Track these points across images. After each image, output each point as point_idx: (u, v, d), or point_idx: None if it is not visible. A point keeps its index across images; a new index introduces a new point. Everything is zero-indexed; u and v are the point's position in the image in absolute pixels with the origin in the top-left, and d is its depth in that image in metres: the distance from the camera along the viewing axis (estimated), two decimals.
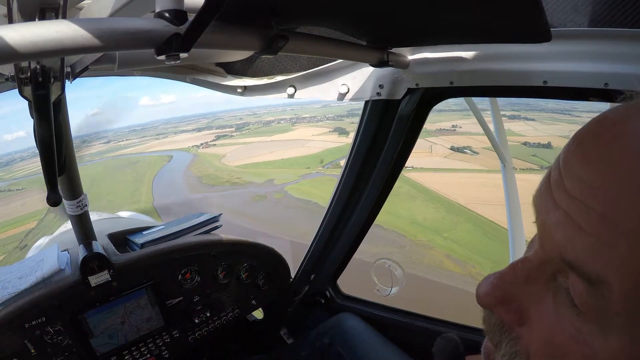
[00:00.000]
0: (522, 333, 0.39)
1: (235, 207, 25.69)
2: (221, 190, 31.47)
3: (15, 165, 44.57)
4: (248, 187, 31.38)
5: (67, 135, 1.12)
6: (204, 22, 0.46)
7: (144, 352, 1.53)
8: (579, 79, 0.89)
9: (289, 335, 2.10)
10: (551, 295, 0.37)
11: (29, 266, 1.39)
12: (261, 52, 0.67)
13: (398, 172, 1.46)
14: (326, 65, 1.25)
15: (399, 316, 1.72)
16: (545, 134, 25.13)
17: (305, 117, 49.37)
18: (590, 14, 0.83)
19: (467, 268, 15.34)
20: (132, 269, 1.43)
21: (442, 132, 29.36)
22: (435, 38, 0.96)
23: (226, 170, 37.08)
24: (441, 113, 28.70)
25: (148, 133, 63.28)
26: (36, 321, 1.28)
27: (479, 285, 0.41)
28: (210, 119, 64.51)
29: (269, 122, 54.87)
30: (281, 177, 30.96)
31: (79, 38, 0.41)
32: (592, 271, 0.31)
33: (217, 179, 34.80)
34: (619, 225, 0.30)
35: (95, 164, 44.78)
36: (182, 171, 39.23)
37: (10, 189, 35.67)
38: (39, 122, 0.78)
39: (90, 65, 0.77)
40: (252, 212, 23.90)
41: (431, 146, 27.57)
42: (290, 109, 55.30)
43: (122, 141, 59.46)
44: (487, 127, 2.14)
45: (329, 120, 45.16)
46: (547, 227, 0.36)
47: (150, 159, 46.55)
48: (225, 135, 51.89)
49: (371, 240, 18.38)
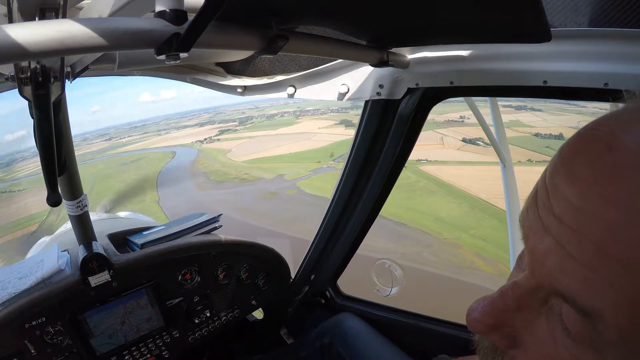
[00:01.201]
0: (517, 355, 0.38)
1: (247, 205, 24.29)
2: (230, 187, 30.32)
3: (16, 165, 44.18)
4: (258, 184, 30.17)
5: (67, 135, 1.12)
6: (204, 22, 0.46)
7: (144, 352, 1.53)
8: (579, 79, 0.89)
9: (289, 335, 2.10)
10: (544, 318, 0.36)
11: (29, 266, 1.39)
12: (261, 52, 0.67)
13: (398, 171, 1.46)
14: (326, 65, 1.25)
15: (399, 316, 1.72)
16: (555, 125, 24.76)
17: (308, 109, 48.85)
18: (590, 14, 0.83)
19: (499, 267, 14.88)
20: (132, 270, 1.43)
21: (450, 124, 28.91)
22: (435, 38, 0.96)
23: (233, 165, 36.10)
24: (446, 104, 28.24)
25: (149, 129, 63.00)
26: (36, 321, 1.28)
27: (470, 310, 0.39)
28: (212, 114, 64.17)
29: (272, 115, 54.28)
30: (291, 172, 29.84)
31: (79, 38, 0.41)
32: (586, 304, 0.30)
33: (225, 175, 33.80)
34: (615, 257, 0.28)
35: (96, 161, 44.03)
36: (187, 167, 38.11)
37: (11, 189, 35.32)
38: (39, 122, 0.78)
39: (90, 65, 0.77)
40: (267, 211, 22.70)
41: (442, 138, 27.22)
42: (293, 102, 54.77)
43: (123, 138, 59.07)
44: (487, 126, 2.14)
45: (333, 112, 44.55)
46: (536, 254, 0.35)
47: (153, 155, 45.71)
48: (229, 129, 51.41)
49: (397, 239, 18.09)
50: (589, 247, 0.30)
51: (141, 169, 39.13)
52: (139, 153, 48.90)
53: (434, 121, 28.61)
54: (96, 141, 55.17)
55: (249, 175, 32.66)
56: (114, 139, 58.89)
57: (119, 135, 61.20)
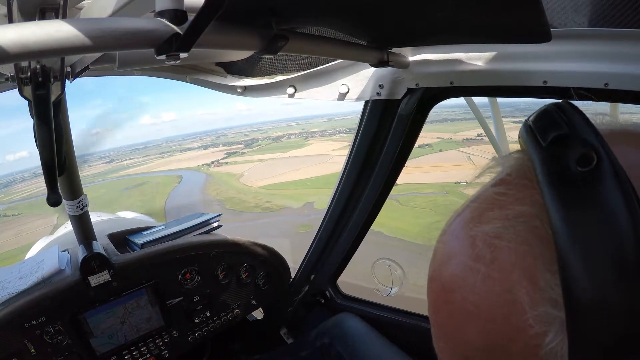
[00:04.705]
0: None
1: (283, 244, 16.11)
2: (252, 219, 25.30)
3: (14, 186, 41.93)
4: (284, 214, 25.43)
5: (67, 135, 1.12)
6: (204, 22, 0.46)
7: (144, 352, 1.53)
8: (579, 79, 0.89)
9: (289, 335, 2.10)
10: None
11: (29, 266, 1.40)
12: (261, 52, 0.67)
13: (398, 172, 1.46)
14: (326, 65, 1.25)
15: (399, 316, 1.72)
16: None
17: (314, 131, 47.51)
18: (590, 14, 0.83)
19: None
20: (132, 269, 1.43)
21: (470, 142, 27.93)
22: (436, 38, 0.96)
23: (249, 192, 32.03)
24: (461, 122, 26.96)
25: (151, 152, 60.68)
26: (36, 321, 1.28)
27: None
28: (214, 136, 62.23)
29: (278, 137, 52.07)
30: (320, 200, 25.09)
31: (79, 38, 0.41)
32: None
33: (243, 204, 29.47)
34: (439, 326, 0.37)
35: (96, 185, 41.16)
36: (198, 194, 34.60)
37: (5, 214, 32.79)
38: (39, 122, 0.78)
39: (90, 65, 0.77)
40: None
41: (469, 157, 26.37)
42: (296, 124, 52.71)
43: (124, 160, 57.08)
44: (488, 127, 2.14)
45: (342, 134, 43.31)
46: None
47: (158, 179, 43.10)
48: (236, 152, 49.67)
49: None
50: (430, 318, 0.38)
51: (146, 194, 36.34)
52: (142, 177, 46.42)
53: (452, 140, 27.64)
54: (96, 163, 53.45)
55: (271, 203, 28.14)
56: (115, 162, 57.05)
57: (120, 157, 59.04)
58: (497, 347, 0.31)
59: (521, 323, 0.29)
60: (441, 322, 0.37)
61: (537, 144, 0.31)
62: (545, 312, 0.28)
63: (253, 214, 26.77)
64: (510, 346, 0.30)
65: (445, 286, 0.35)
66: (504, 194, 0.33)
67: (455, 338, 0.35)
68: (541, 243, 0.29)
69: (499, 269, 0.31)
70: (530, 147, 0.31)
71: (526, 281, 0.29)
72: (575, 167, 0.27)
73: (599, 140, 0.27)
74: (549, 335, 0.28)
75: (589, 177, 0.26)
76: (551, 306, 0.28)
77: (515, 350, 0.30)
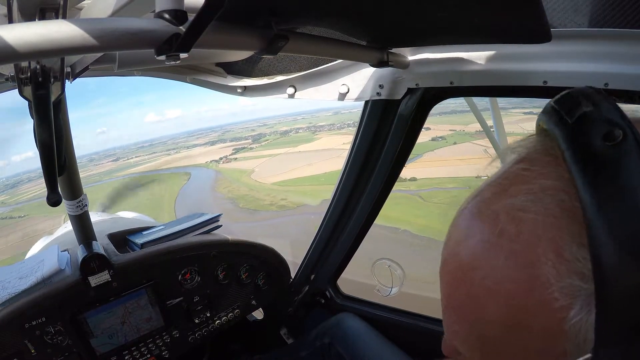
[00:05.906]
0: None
1: (308, 243, 17.05)
2: (268, 218, 23.57)
3: (21, 187, 40.35)
4: (302, 212, 23.40)
5: (67, 135, 1.12)
6: (204, 22, 0.46)
7: (144, 352, 1.53)
8: (579, 79, 0.89)
9: (289, 335, 2.10)
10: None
11: (29, 266, 1.39)
12: (261, 52, 0.67)
13: (398, 172, 1.46)
14: (326, 66, 1.25)
15: (399, 316, 1.72)
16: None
17: (322, 124, 46.14)
18: (590, 14, 0.83)
19: None
20: (132, 269, 1.43)
21: (484, 135, 27.48)
22: (436, 38, 0.96)
23: (263, 189, 30.01)
24: (465, 114, 26.40)
25: (157, 149, 59.39)
26: (36, 321, 1.28)
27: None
28: (220, 132, 60.65)
29: (285, 132, 50.23)
30: None
31: (79, 38, 0.41)
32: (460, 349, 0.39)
33: (257, 202, 27.52)
34: (452, 308, 0.38)
35: (103, 184, 38.90)
36: (208, 191, 32.57)
37: (11, 216, 31.44)
38: (39, 122, 0.78)
39: (90, 65, 0.77)
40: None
41: (485, 150, 25.36)
42: (302, 118, 51.29)
43: (131, 158, 55.73)
44: (488, 127, 2.14)
45: (350, 127, 42.29)
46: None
47: (165, 177, 41.30)
48: (244, 147, 47.89)
49: None
50: (443, 302, 0.39)
51: (154, 192, 33.89)
52: (149, 175, 44.79)
53: (465, 132, 26.92)
54: (103, 162, 52.65)
55: (287, 201, 26.07)
56: (121, 160, 55.53)
57: (126, 155, 57.41)
58: (518, 324, 0.31)
59: (546, 296, 0.29)
60: (457, 303, 0.36)
61: (563, 122, 0.31)
62: (571, 284, 0.28)
63: (269, 213, 24.84)
64: (532, 322, 0.30)
65: (464, 266, 0.35)
66: (527, 169, 0.34)
67: (473, 318, 0.35)
68: (568, 216, 0.29)
69: (524, 242, 0.31)
70: (554, 126, 0.32)
71: (552, 253, 0.29)
72: (602, 143, 0.28)
73: (624, 118, 0.28)
74: (574, 308, 0.28)
75: (616, 151, 0.27)
76: (578, 278, 0.28)
77: (537, 327, 0.30)
